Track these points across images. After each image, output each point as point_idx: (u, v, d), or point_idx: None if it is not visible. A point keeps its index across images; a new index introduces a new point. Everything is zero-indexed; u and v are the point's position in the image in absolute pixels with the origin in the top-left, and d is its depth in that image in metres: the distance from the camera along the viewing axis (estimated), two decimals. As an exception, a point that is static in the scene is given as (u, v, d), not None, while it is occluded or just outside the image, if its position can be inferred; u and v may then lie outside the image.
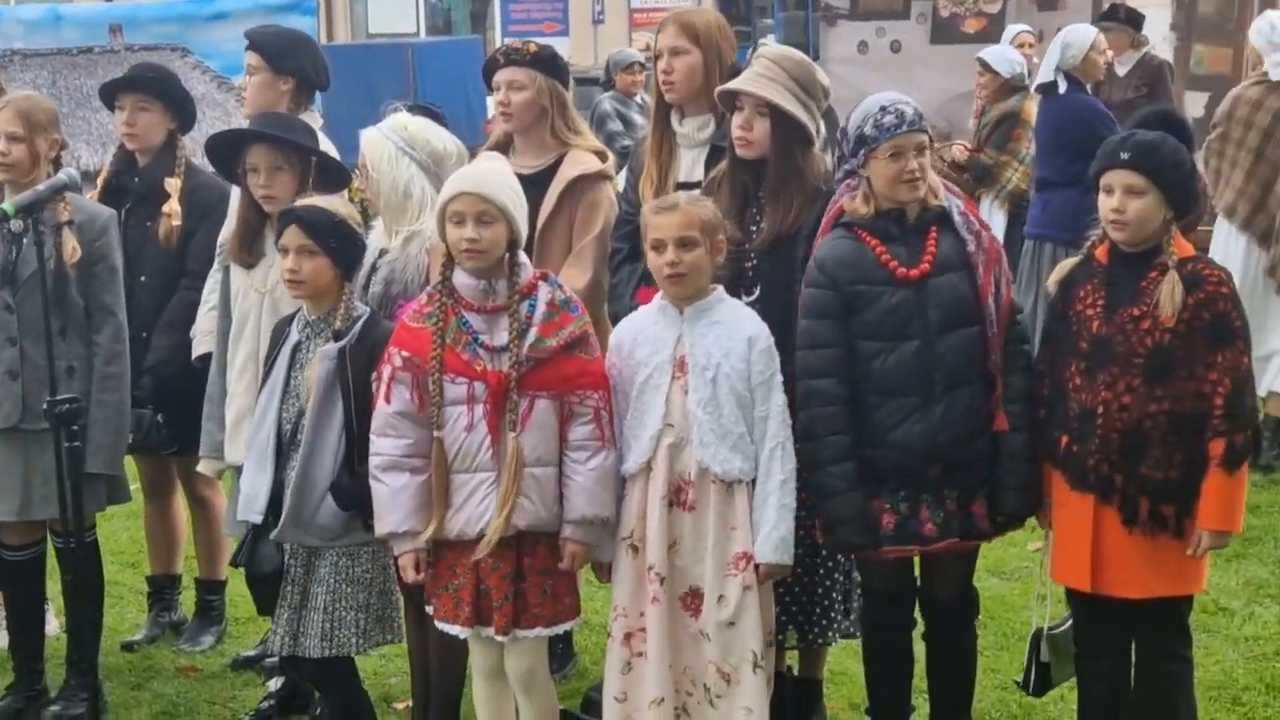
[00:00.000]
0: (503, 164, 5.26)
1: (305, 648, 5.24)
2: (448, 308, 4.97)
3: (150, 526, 7.09)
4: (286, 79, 6.39)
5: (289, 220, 5.21)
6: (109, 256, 5.97)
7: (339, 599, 5.23)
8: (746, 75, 5.47)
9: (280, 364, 5.25)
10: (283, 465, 5.22)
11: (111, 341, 5.95)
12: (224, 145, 5.87)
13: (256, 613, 5.99)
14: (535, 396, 4.93)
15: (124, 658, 6.75)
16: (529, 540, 4.99)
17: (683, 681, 5.04)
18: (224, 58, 13.35)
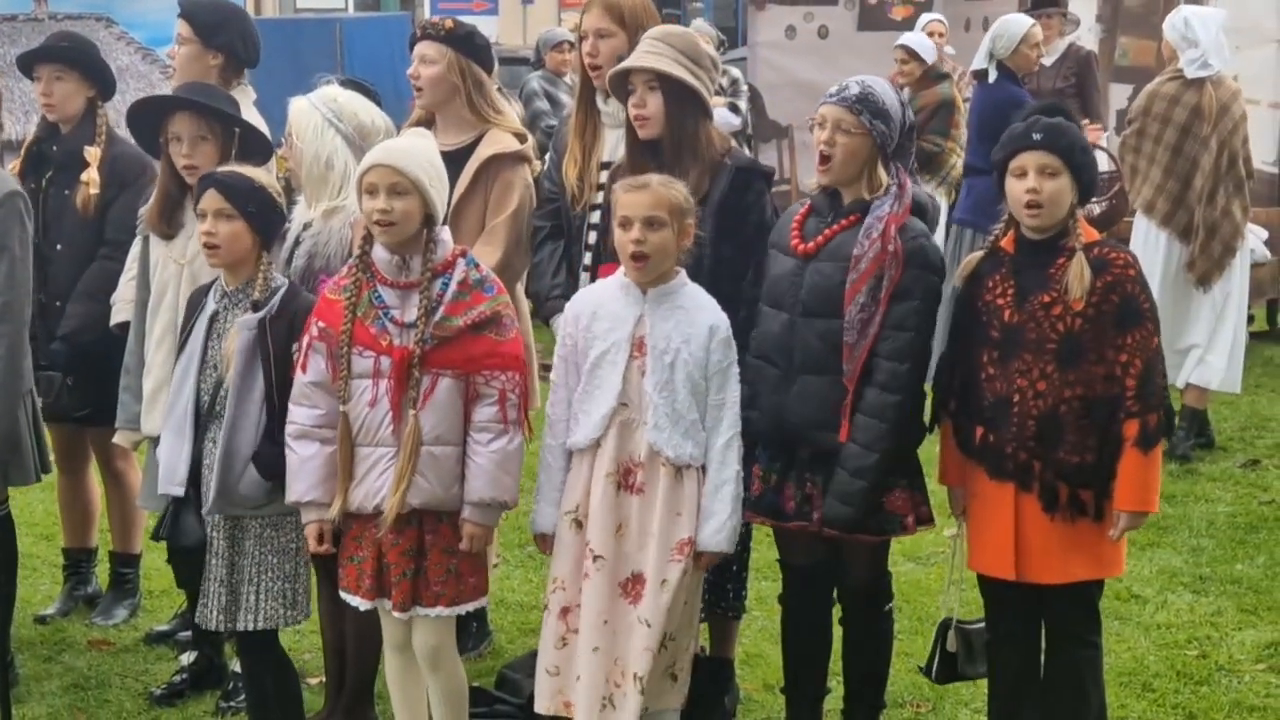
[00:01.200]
0: (427, 140, 5.22)
1: (237, 621, 5.18)
2: (363, 281, 4.95)
3: (64, 499, 7.02)
4: (216, 54, 6.36)
5: (207, 185, 5.15)
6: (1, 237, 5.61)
7: (264, 570, 5.18)
8: (635, 53, 5.47)
9: (197, 334, 5.19)
10: (201, 436, 5.17)
11: None
12: (147, 114, 5.79)
13: (177, 585, 5.94)
14: (439, 374, 4.90)
15: (36, 630, 6.70)
16: (430, 518, 4.97)
17: (613, 673, 5.01)
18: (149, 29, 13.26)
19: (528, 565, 7.36)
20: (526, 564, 7.36)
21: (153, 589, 7.07)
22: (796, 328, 5.08)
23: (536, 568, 7.18)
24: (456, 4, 28.82)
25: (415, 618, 5.02)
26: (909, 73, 10.81)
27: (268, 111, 6.38)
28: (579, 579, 5.07)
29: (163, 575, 7.00)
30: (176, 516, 5.18)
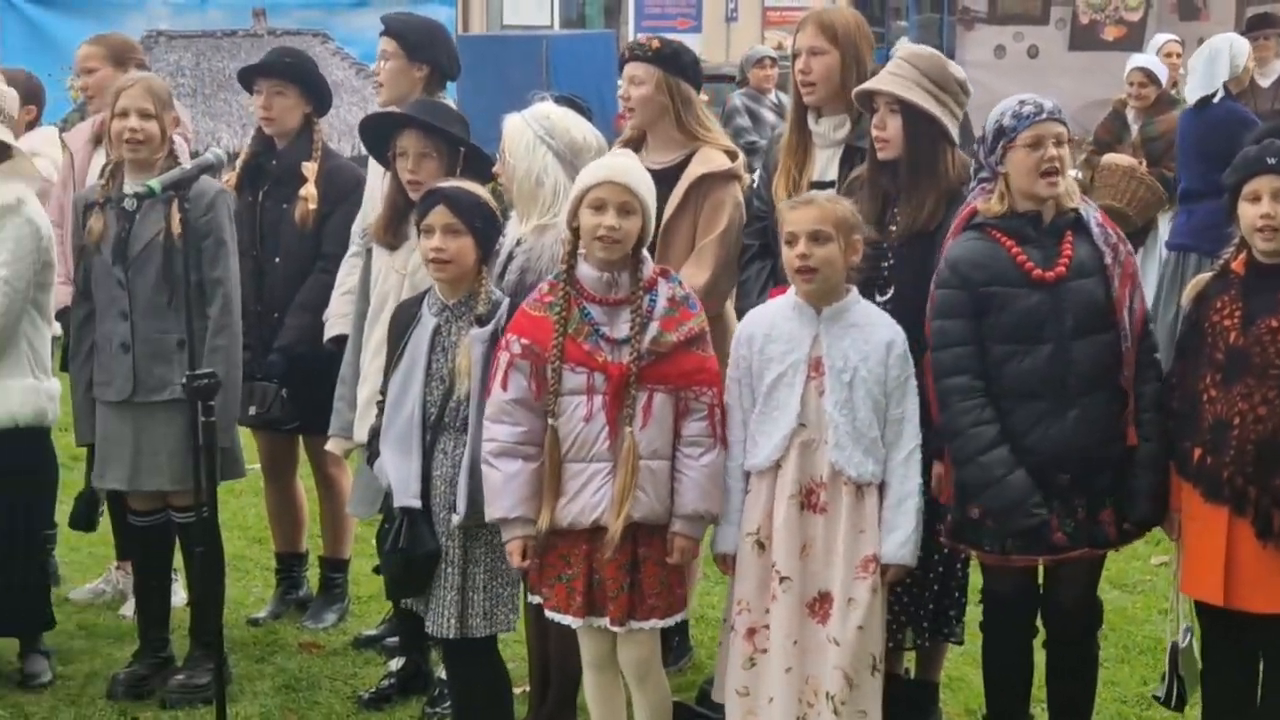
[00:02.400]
0: (637, 160, 5.27)
1: (470, 629, 5.22)
2: (570, 298, 4.99)
3: (272, 505, 7.19)
4: (421, 66, 6.46)
5: (436, 200, 5.21)
6: (216, 231, 6.01)
7: (496, 576, 5.22)
8: (880, 74, 5.46)
9: (417, 348, 5.23)
10: (431, 448, 5.22)
11: (220, 314, 6.00)
12: (376, 128, 5.92)
13: (387, 596, 6.03)
14: (654, 390, 4.95)
15: (249, 631, 6.85)
16: (643, 532, 5.01)
17: (805, 692, 5.02)
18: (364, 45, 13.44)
19: (726, 581, 7.34)
20: (725, 580, 7.35)
21: (361, 594, 7.19)
22: (1066, 353, 5.00)
23: (736, 584, 7.18)
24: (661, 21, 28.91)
25: (625, 632, 5.05)
26: (1145, 96, 10.50)
27: (475, 128, 6.47)
28: (764, 600, 5.07)
29: (370, 581, 7.11)
30: (412, 527, 5.19)
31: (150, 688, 6.20)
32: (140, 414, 6.01)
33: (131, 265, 5.98)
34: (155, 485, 6.08)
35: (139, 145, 5.99)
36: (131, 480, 6.07)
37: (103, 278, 6.05)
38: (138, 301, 5.98)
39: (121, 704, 6.11)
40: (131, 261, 5.98)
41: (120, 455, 6.05)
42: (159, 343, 5.88)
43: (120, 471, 6.07)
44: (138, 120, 5.99)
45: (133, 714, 6.05)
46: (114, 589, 7.25)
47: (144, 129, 5.99)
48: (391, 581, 5.36)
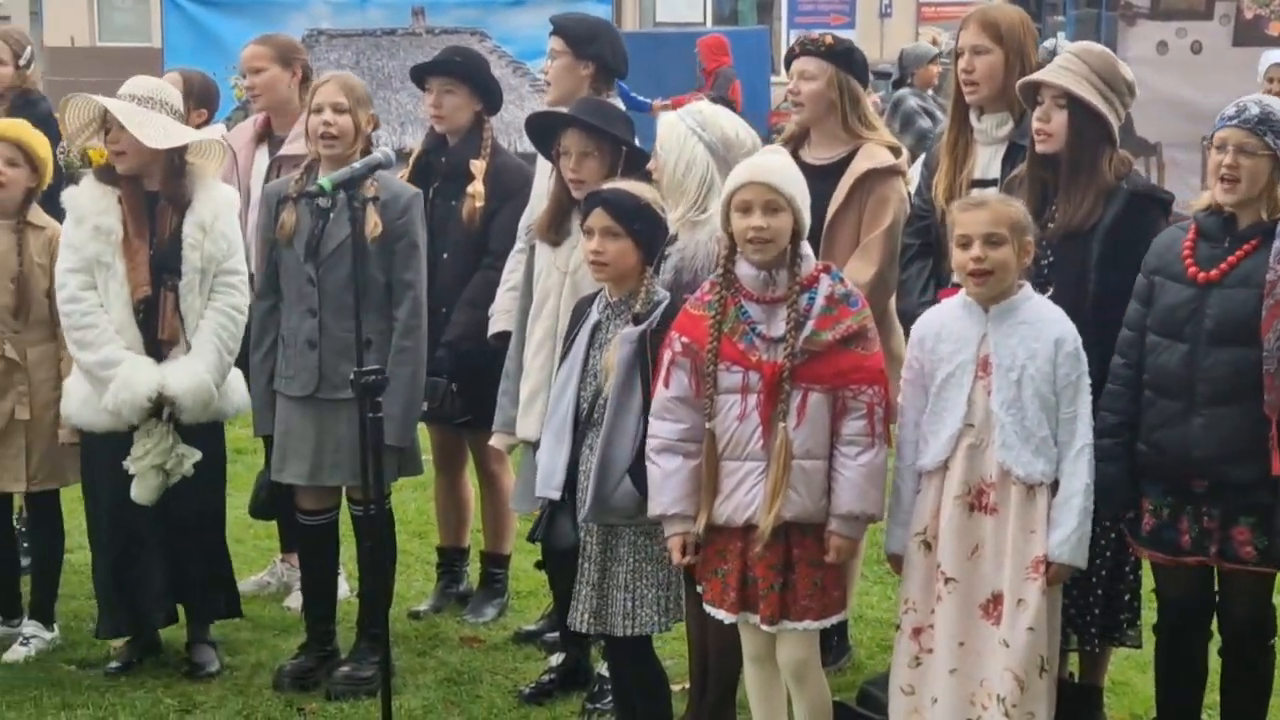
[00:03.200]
0: (786, 157, 5.27)
1: (610, 626, 5.29)
2: (727, 297, 5.01)
3: (440, 499, 7.26)
4: (587, 64, 6.50)
5: (596, 203, 5.26)
6: (409, 234, 6.12)
7: (640, 577, 5.27)
8: (1048, 67, 5.41)
9: (579, 343, 5.30)
10: (579, 443, 5.28)
11: (408, 316, 6.11)
12: (542, 126, 5.97)
13: (551, 587, 6.09)
14: (808, 389, 4.95)
15: (410, 625, 6.92)
16: (796, 531, 5.01)
17: (978, 695, 4.99)
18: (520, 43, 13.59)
19: (886, 581, 7.32)
20: (885, 580, 7.33)
21: (520, 589, 7.25)
22: (1198, 358, 4.95)
23: (895, 584, 7.11)
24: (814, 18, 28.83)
25: (781, 631, 5.06)
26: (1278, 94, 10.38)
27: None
28: (930, 600, 5.07)
29: (530, 577, 7.17)
30: (552, 520, 5.28)
31: (316, 679, 6.30)
32: (323, 410, 6.12)
33: (323, 263, 6.08)
34: (335, 480, 6.19)
35: (333, 140, 6.09)
36: (312, 475, 6.18)
37: (293, 273, 6.15)
38: (327, 299, 6.08)
39: (288, 695, 6.22)
40: (323, 260, 6.08)
41: (301, 450, 6.16)
42: (345, 341, 5.96)
43: (300, 466, 6.17)
44: (331, 115, 6.09)
45: (299, 705, 6.14)
46: (279, 581, 7.37)
47: (338, 124, 6.09)
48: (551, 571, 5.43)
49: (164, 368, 6.14)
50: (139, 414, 6.11)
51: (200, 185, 6.24)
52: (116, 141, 6.15)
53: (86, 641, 6.70)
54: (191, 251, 6.17)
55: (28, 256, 6.41)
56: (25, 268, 6.40)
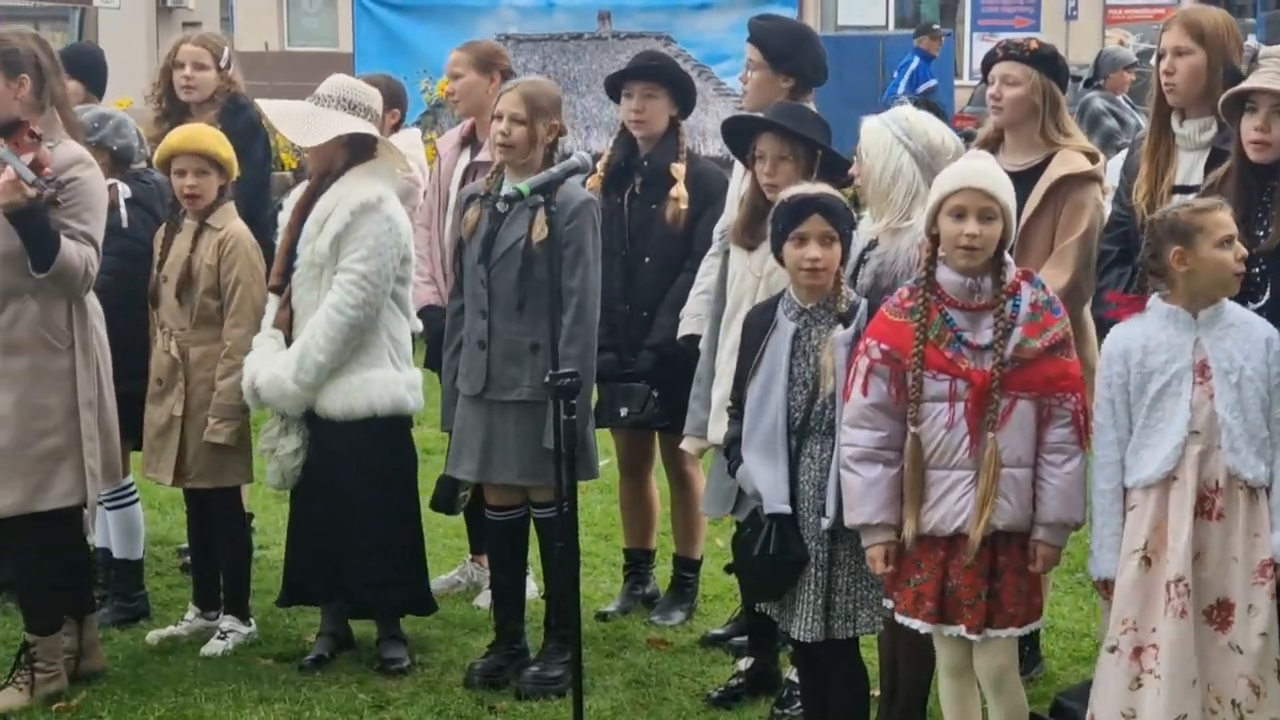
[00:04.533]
0: (992, 160, 5.23)
1: (834, 631, 5.25)
2: (930, 304, 4.97)
3: (626, 502, 7.29)
4: (786, 78, 6.47)
5: (812, 208, 5.21)
6: (577, 240, 6.12)
7: (859, 578, 5.24)
8: (1263, 75, 5.28)
9: (777, 352, 5.25)
10: (798, 452, 5.24)
11: (572, 323, 6.11)
12: (737, 130, 5.97)
13: (744, 600, 6.08)
14: (1016, 397, 4.90)
15: (598, 626, 6.95)
16: (1003, 539, 4.97)
17: (1208, 699, 4.90)
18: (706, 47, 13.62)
19: (1077, 591, 7.25)
20: (1076, 590, 7.25)
21: (706, 593, 7.26)
22: None
23: (1086, 595, 7.06)
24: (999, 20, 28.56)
25: (981, 640, 5.02)
26: None
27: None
28: (1151, 619, 4.93)
29: (717, 580, 7.20)
30: (781, 533, 5.21)
31: (505, 678, 6.35)
32: (493, 410, 6.19)
33: (494, 266, 6.16)
34: (503, 479, 6.25)
35: (508, 149, 6.15)
36: (481, 472, 6.27)
37: (470, 274, 6.27)
38: (497, 302, 6.16)
39: (478, 693, 6.28)
40: (494, 262, 6.16)
41: (472, 447, 6.25)
42: (513, 344, 6.03)
43: (471, 463, 6.27)
44: (507, 124, 6.15)
45: (489, 703, 6.20)
46: (468, 580, 7.45)
47: (513, 134, 6.14)
48: (755, 585, 5.41)
49: (268, 359, 6.33)
50: (252, 400, 6.38)
51: (341, 181, 6.32)
52: None
53: (282, 636, 6.84)
54: (304, 246, 6.31)
55: (198, 255, 6.57)
56: (194, 267, 6.55)
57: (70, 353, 5.97)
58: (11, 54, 5.86)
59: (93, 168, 6.00)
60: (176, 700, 6.20)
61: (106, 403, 6.13)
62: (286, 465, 6.39)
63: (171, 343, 6.57)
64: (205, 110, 7.55)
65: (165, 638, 6.81)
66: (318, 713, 6.12)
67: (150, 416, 6.65)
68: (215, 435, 6.53)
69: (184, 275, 6.53)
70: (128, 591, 7.08)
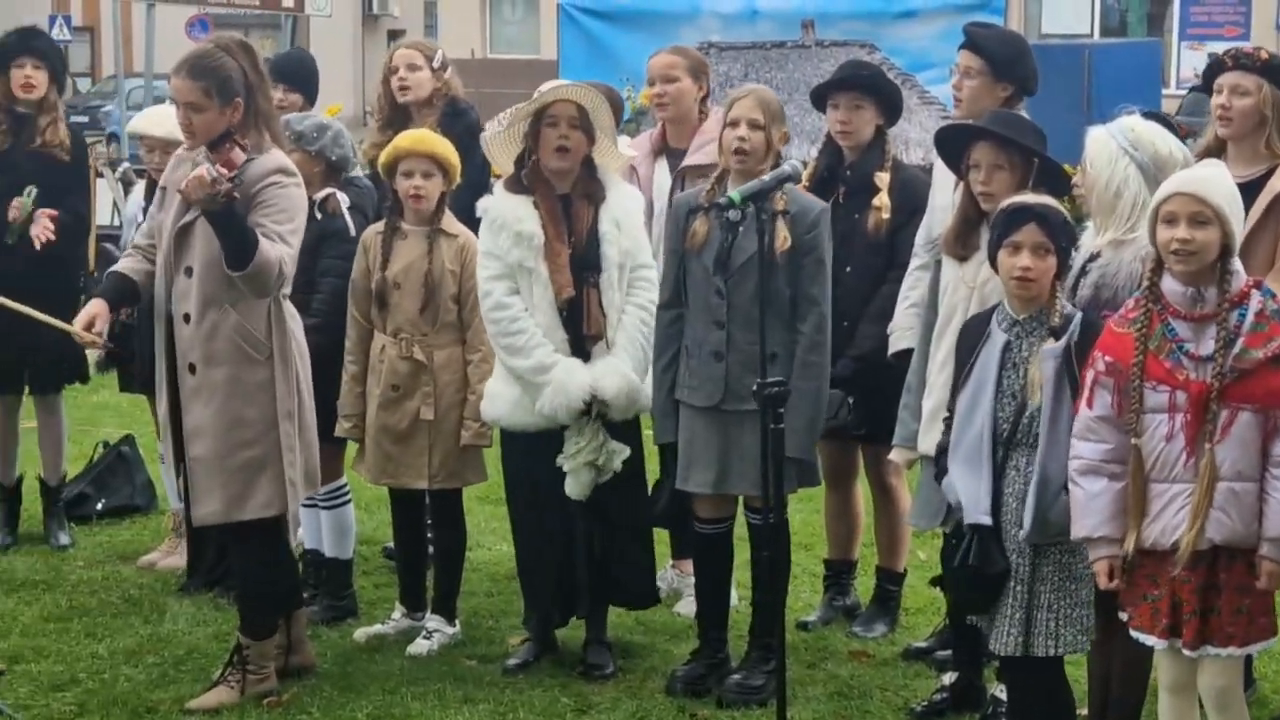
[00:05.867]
0: (1222, 169, 5.12)
1: (1032, 647, 5.21)
2: (1153, 314, 4.89)
3: (830, 512, 7.24)
4: (1007, 86, 6.41)
5: (1027, 217, 5.17)
6: (818, 249, 6.13)
7: (1064, 595, 5.18)
8: None
9: (987, 364, 5.21)
10: (1003, 464, 5.20)
11: (814, 332, 6.11)
12: (950, 139, 5.93)
13: (950, 612, 6.03)
14: (1238, 408, 4.80)
15: (798, 636, 6.92)
16: (1224, 555, 4.86)
17: None
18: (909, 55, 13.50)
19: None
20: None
21: (909, 606, 7.20)
22: None
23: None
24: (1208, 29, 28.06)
25: (1203, 658, 4.92)
26: None
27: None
28: None
29: (920, 594, 7.13)
30: (983, 545, 5.18)
31: (707, 686, 6.33)
32: (729, 421, 6.17)
33: (732, 276, 6.12)
34: (739, 490, 6.24)
35: (744, 155, 6.15)
36: (717, 484, 6.23)
37: (700, 284, 6.20)
38: (735, 312, 6.12)
39: (680, 700, 6.28)
40: (732, 272, 6.12)
41: (707, 459, 6.22)
42: (752, 354, 5.98)
43: (706, 475, 6.23)
44: (746, 129, 6.15)
45: (691, 710, 6.20)
46: (669, 586, 7.44)
47: (751, 140, 6.15)
48: (960, 597, 5.35)
49: (594, 369, 6.33)
50: (572, 415, 6.32)
51: (611, 184, 6.43)
52: (566, 138, 6.34)
53: (486, 638, 6.91)
54: (610, 248, 6.35)
55: (438, 262, 6.63)
56: (435, 273, 6.62)
57: (269, 364, 6.02)
58: (226, 81, 5.90)
59: (294, 177, 6.05)
60: (383, 698, 6.28)
61: (306, 412, 6.17)
62: (607, 472, 6.40)
63: (414, 348, 6.65)
64: (425, 115, 7.65)
65: (372, 636, 6.91)
66: (521, 715, 6.16)
67: (385, 421, 6.70)
68: (481, 439, 6.64)
69: (427, 283, 6.60)
70: (337, 590, 7.20)
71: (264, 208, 5.88)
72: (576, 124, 6.34)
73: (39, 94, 7.99)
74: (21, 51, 8.00)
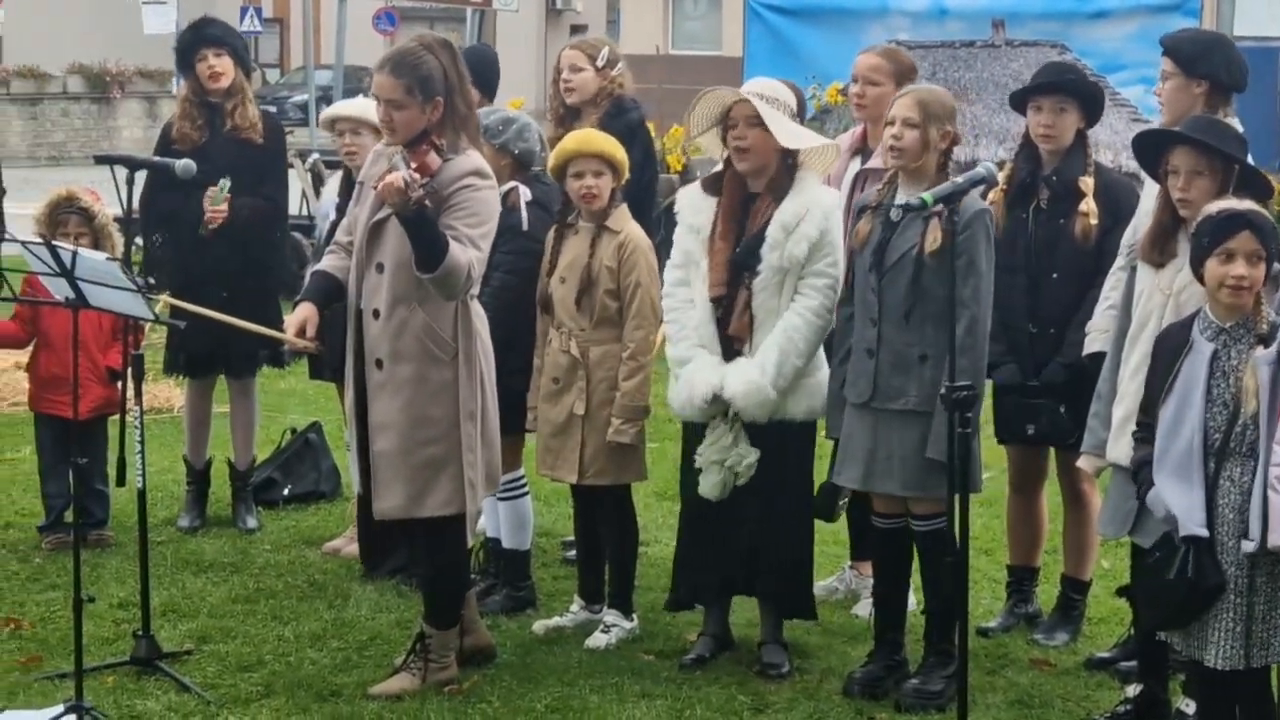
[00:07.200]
0: None
1: (1251, 658, 5.16)
2: None
3: (1014, 518, 7.17)
4: (1200, 82, 6.32)
5: (1241, 224, 5.12)
6: (970, 251, 6.03)
7: (1275, 606, 5.13)
8: None
9: (1194, 374, 5.15)
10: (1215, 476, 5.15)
11: (964, 334, 5.97)
12: (1150, 144, 5.84)
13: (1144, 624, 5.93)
14: None
15: (978, 642, 6.84)
16: None
17: None
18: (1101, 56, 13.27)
19: None
20: None
21: (1092, 616, 7.10)
22: None
23: None
24: None
25: None
26: None
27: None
28: None
29: (1102, 603, 7.05)
30: (1199, 558, 5.13)
31: (884, 689, 6.31)
32: (878, 418, 6.17)
33: (885, 274, 6.12)
34: (886, 489, 6.22)
35: (899, 153, 6.12)
36: (864, 480, 6.25)
37: (860, 282, 6.23)
38: (887, 311, 6.12)
39: (857, 702, 6.26)
40: (886, 271, 6.12)
41: (856, 455, 6.23)
42: (902, 354, 6.02)
43: (855, 471, 6.25)
44: (900, 128, 6.12)
45: (869, 714, 6.18)
46: (847, 588, 7.43)
47: (905, 138, 6.11)
48: (1164, 611, 5.28)
49: (725, 369, 6.35)
50: (699, 413, 6.38)
51: (797, 187, 6.38)
52: (743, 138, 6.34)
53: (663, 634, 6.93)
54: (771, 251, 6.32)
55: (598, 257, 6.69)
56: (593, 267, 6.68)
57: (454, 364, 6.09)
58: (427, 80, 5.97)
59: (488, 179, 6.10)
60: (562, 690, 6.33)
61: (489, 413, 6.23)
62: (742, 474, 6.41)
63: (571, 342, 6.71)
64: (590, 114, 7.69)
65: (551, 628, 6.97)
66: (699, 711, 6.17)
67: (547, 414, 6.81)
68: (621, 435, 6.66)
69: (584, 277, 6.67)
70: (516, 581, 7.26)
71: (457, 210, 5.94)
72: (755, 122, 6.34)
73: (227, 81, 8.13)
74: (200, 44, 8.15)
